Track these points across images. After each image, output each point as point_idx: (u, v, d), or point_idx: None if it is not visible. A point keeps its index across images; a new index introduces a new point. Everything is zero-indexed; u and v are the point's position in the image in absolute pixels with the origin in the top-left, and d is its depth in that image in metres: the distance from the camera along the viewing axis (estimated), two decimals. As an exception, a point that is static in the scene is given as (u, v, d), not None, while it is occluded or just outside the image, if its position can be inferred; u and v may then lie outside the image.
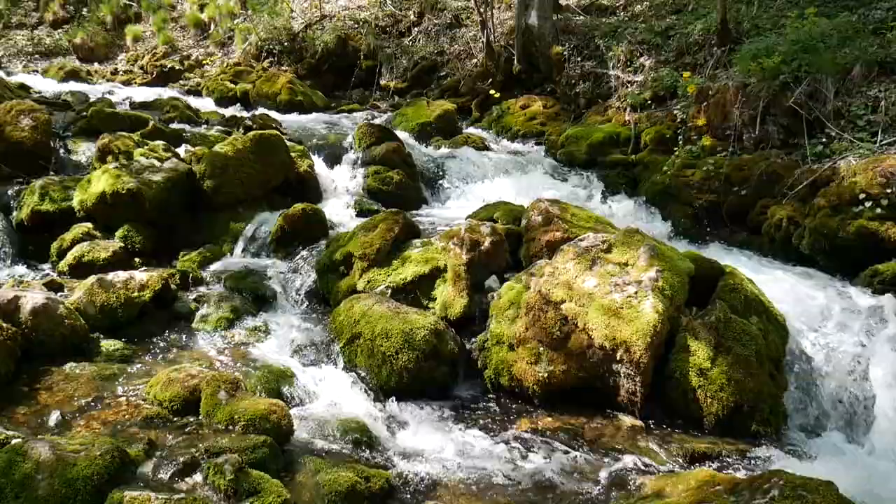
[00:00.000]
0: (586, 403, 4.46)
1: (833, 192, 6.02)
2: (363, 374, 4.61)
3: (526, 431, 4.21)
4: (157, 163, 6.62)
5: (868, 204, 5.71)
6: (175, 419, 3.80)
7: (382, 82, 13.93)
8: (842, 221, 5.83)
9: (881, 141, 6.33)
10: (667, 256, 4.77)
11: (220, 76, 14.21)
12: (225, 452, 3.30)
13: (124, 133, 7.24)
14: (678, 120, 8.39)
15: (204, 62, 15.76)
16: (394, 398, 4.45)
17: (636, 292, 4.43)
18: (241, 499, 3.14)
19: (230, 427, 3.65)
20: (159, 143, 7.19)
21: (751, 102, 7.39)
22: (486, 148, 9.72)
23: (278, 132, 7.75)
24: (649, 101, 9.27)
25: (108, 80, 15.21)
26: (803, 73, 7.11)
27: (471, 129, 11.10)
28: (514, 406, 4.55)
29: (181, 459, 3.28)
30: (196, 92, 14.02)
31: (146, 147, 6.98)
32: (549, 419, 4.35)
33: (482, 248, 5.27)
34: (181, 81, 15.04)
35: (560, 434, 4.17)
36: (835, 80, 6.95)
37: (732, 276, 4.94)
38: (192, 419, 3.79)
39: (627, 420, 4.34)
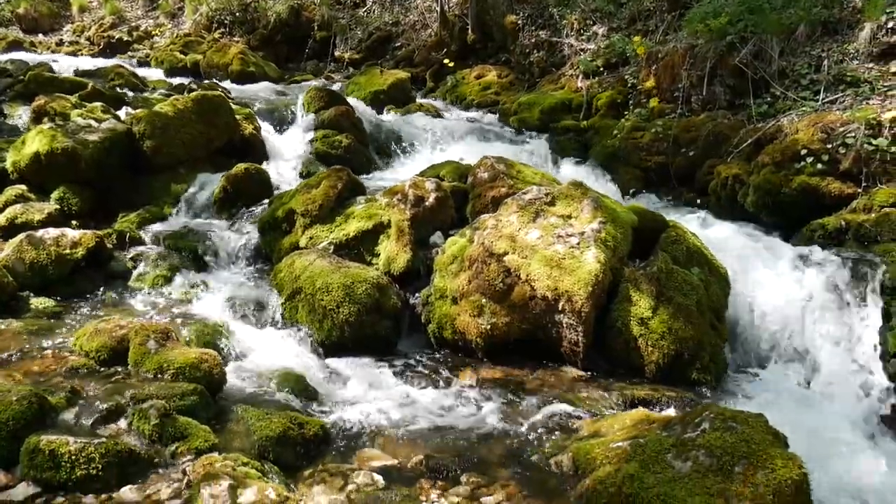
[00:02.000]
0: (530, 355, 4.44)
1: (776, 150, 6.06)
2: (304, 328, 4.53)
3: (468, 383, 4.17)
4: (94, 123, 6.39)
5: (810, 160, 5.76)
6: (101, 369, 3.68)
7: (337, 53, 13.72)
8: (785, 178, 5.88)
9: (823, 99, 6.40)
10: (610, 209, 4.75)
11: (169, 47, 13.86)
12: (151, 399, 3.20)
13: (61, 94, 7.02)
14: (629, 85, 8.41)
15: (153, 33, 15.35)
16: (335, 352, 4.39)
17: (579, 243, 4.41)
18: (167, 443, 3.04)
19: (159, 376, 3.54)
20: (98, 104, 6.97)
21: (698, 64, 7.41)
22: (439, 116, 9.62)
23: (222, 94, 7.56)
24: (601, 68, 9.27)
25: (53, 52, 14.73)
26: (749, 34, 7.15)
27: (425, 100, 10.98)
28: (457, 359, 4.51)
29: (105, 406, 3.17)
30: (145, 63, 13.66)
31: (84, 108, 6.76)
32: (492, 371, 4.32)
33: (427, 203, 5.20)
34: (130, 53, 14.63)
35: (502, 384, 4.14)
36: (780, 40, 7.00)
37: (675, 228, 4.95)
38: (119, 369, 3.68)
39: (570, 370, 4.33)
